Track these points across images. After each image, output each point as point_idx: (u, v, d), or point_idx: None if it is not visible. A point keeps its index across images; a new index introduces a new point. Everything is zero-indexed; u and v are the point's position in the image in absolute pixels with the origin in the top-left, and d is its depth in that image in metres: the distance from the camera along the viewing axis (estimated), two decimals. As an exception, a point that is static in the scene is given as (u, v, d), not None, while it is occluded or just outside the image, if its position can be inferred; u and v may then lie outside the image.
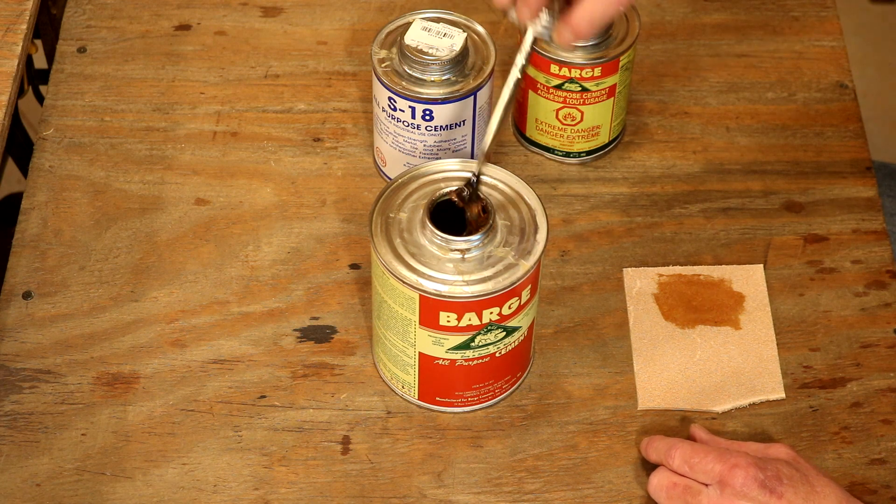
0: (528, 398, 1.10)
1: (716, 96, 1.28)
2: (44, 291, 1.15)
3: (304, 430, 1.08)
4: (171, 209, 1.20)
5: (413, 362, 1.06)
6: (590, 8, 1.00)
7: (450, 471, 1.07)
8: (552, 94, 1.18)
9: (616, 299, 1.15)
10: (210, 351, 1.12)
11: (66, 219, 1.19)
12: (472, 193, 1.03)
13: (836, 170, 1.23)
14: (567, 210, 1.21)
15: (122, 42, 1.30)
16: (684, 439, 1.03)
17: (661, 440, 1.04)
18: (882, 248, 1.19)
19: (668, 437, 1.04)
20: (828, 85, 1.29)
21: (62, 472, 1.06)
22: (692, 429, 1.07)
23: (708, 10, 1.34)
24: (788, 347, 1.13)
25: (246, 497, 1.05)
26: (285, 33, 1.31)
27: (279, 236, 1.18)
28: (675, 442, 1.02)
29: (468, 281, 1.01)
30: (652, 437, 1.05)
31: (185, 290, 1.15)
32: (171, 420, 1.08)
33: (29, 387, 1.10)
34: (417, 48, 1.12)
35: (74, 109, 1.26)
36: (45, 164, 1.22)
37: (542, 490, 1.06)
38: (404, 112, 1.14)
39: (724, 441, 1.05)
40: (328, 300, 1.15)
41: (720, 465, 0.99)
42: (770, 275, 1.17)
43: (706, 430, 1.06)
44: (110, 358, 1.11)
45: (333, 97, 1.27)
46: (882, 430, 1.09)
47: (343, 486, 1.06)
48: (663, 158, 1.24)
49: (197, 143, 1.24)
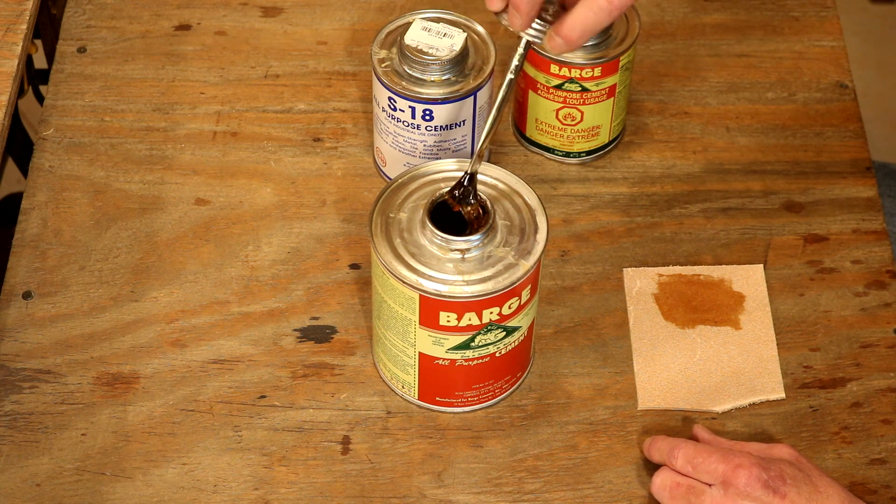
0: (528, 398, 1.10)
1: (716, 96, 1.28)
2: (44, 291, 1.15)
3: (304, 430, 1.08)
4: (171, 209, 1.20)
5: (413, 362, 1.06)
6: (581, 17, 1.00)
7: (450, 471, 1.07)
8: (552, 94, 1.18)
9: (616, 299, 1.15)
10: (210, 351, 1.12)
11: (66, 219, 1.19)
12: (464, 192, 1.03)
13: (836, 170, 1.23)
14: (567, 210, 1.21)
15: (122, 42, 1.30)
16: (687, 439, 1.03)
17: (664, 440, 1.04)
18: (882, 248, 1.18)
19: (670, 438, 1.04)
20: (828, 85, 1.29)
21: (62, 472, 1.06)
22: (695, 429, 1.07)
23: (708, 10, 1.34)
24: (788, 347, 1.13)
25: (246, 497, 1.05)
26: (285, 33, 1.31)
27: (279, 236, 1.18)
28: (677, 442, 1.02)
29: (468, 281, 1.01)
30: (654, 437, 1.05)
31: (185, 290, 1.15)
32: (171, 420, 1.08)
33: (29, 387, 1.10)
34: (417, 48, 1.12)
35: (74, 109, 1.26)
36: (45, 164, 1.22)
37: (542, 490, 1.06)
38: (404, 112, 1.14)
39: (727, 441, 1.05)
40: (328, 300, 1.15)
41: (723, 465, 0.99)
42: (770, 275, 1.17)
43: (709, 431, 1.06)
44: (110, 358, 1.11)
45: (333, 97, 1.27)
46: (882, 430, 1.09)
47: (343, 486, 1.06)
48: (663, 158, 1.24)
49: (197, 143, 1.24)
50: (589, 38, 1.02)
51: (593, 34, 1.02)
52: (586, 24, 1.00)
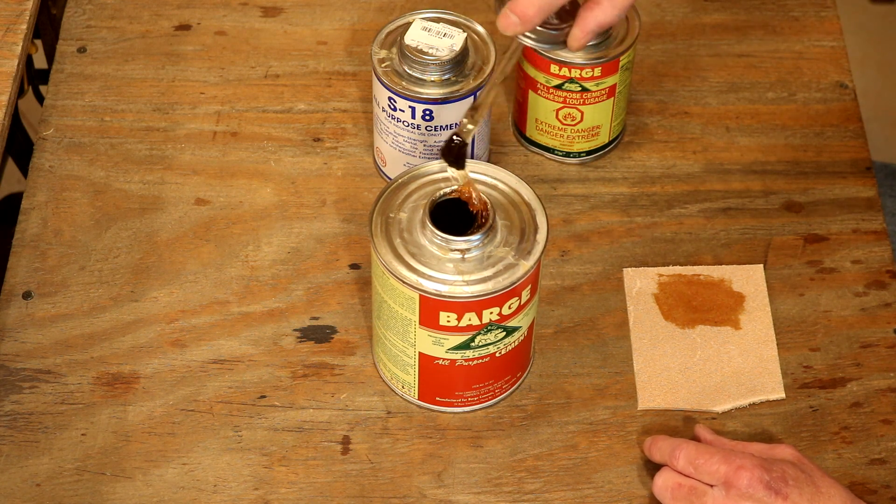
0: (528, 398, 1.10)
1: (716, 96, 1.28)
2: (44, 291, 1.15)
3: (304, 430, 1.08)
4: (171, 209, 1.20)
5: (413, 362, 1.06)
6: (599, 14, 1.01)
7: (450, 471, 1.07)
8: (552, 94, 1.18)
9: (616, 299, 1.15)
10: (210, 351, 1.12)
11: (66, 219, 1.19)
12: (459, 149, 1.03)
13: (836, 170, 1.23)
14: (567, 210, 1.21)
15: (122, 42, 1.30)
16: (688, 440, 1.03)
17: (665, 440, 1.04)
18: (882, 248, 1.18)
19: (671, 438, 1.04)
20: (828, 85, 1.29)
21: (62, 472, 1.06)
22: (696, 429, 1.07)
23: (708, 10, 1.34)
24: (788, 347, 1.13)
25: (246, 497, 1.05)
26: (285, 33, 1.31)
27: (279, 236, 1.18)
28: (679, 442, 1.02)
29: (468, 281, 1.01)
30: (655, 436, 1.05)
31: (185, 290, 1.15)
32: (171, 420, 1.08)
33: (29, 387, 1.10)
34: (417, 48, 1.12)
35: (74, 109, 1.26)
36: (45, 164, 1.22)
37: (542, 490, 1.06)
38: (404, 112, 1.14)
39: (729, 442, 1.05)
40: (328, 300, 1.15)
41: (725, 466, 0.99)
42: (770, 275, 1.17)
43: (711, 431, 1.06)
44: (110, 358, 1.11)
45: (333, 97, 1.27)
46: (882, 430, 1.09)
47: (343, 486, 1.06)
48: (663, 158, 1.24)
49: (197, 143, 1.24)
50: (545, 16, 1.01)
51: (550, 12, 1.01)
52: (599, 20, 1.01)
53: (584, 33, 1.02)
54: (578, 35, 1.02)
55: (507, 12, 1.01)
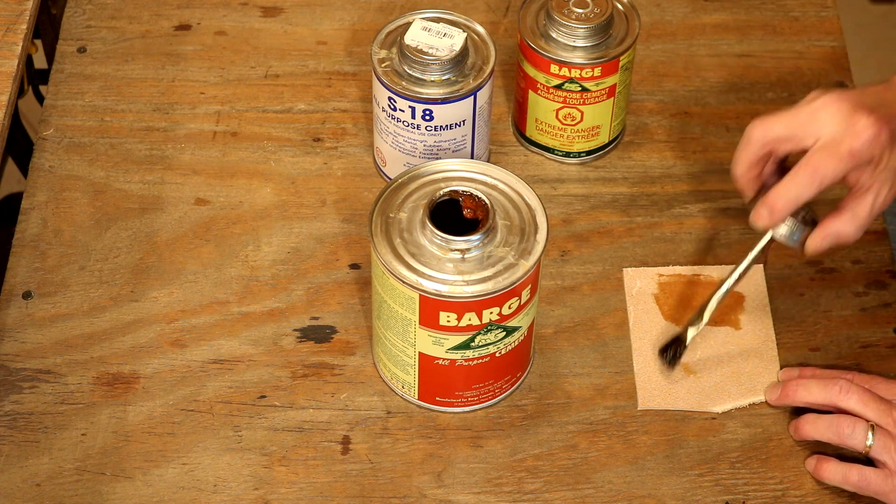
0: (528, 398, 1.10)
1: (716, 96, 1.28)
2: (44, 291, 1.15)
3: (304, 430, 1.08)
4: (171, 209, 1.20)
5: (413, 362, 1.06)
6: (785, 187, 1.04)
7: (450, 471, 1.07)
8: (552, 94, 1.18)
9: (616, 299, 1.15)
10: (210, 351, 1.12)
11: (66, 219, 1.19)
12: (675, 353, 1.09)
13: (836, 170, 1.23)
14: (567, 210, 1.21)
15: (122, 42, 1.30)
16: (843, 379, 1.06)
17: (817, 384, 1.07)
18: (882, 248, 1.19)
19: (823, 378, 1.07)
20: (828, 85, 1.29)
21: (62, 472, 1.06)
22: (784, 372, 1.10)
23: (708, 10, 1.34)
24: (788, 347, 1.13)
25: (246, 497, 1.05)
26: (285, 33, 1.31)
27: (279, 236, 1.18)
28: (837, 379, 1.06)
29: (468, 281, 1.01)
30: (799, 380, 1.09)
31: (185, 290, 1.15)
32: (171, 420, 1.08)
33: (29, 387, 1.10)
34: (417, 48, 1.12)
35: (74, 109, 1.26)
36: (45, 164, 1.22)
37: (542, 490, 1.06)
38: (404, 112, 1.14)
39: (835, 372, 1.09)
40: (328, 300, 1.15)
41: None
42: (770, 275, 1.17)
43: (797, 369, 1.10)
44: (110, 358, 1.11)
45: (333, 97, 1.27)
46: (882, 430, 1.09)
47: (343, 486, 1.06)
48: (663, 158, 1.24)
49: (197, 143, 1.24)
50: (794, 208, 1.04)
51: (797, 204, 1.04)
52: (790, 194, 1.03)
53: (823, 239, 1.05)
54: (817, 240, 1.06)
55: (758, 208, 1.05)
